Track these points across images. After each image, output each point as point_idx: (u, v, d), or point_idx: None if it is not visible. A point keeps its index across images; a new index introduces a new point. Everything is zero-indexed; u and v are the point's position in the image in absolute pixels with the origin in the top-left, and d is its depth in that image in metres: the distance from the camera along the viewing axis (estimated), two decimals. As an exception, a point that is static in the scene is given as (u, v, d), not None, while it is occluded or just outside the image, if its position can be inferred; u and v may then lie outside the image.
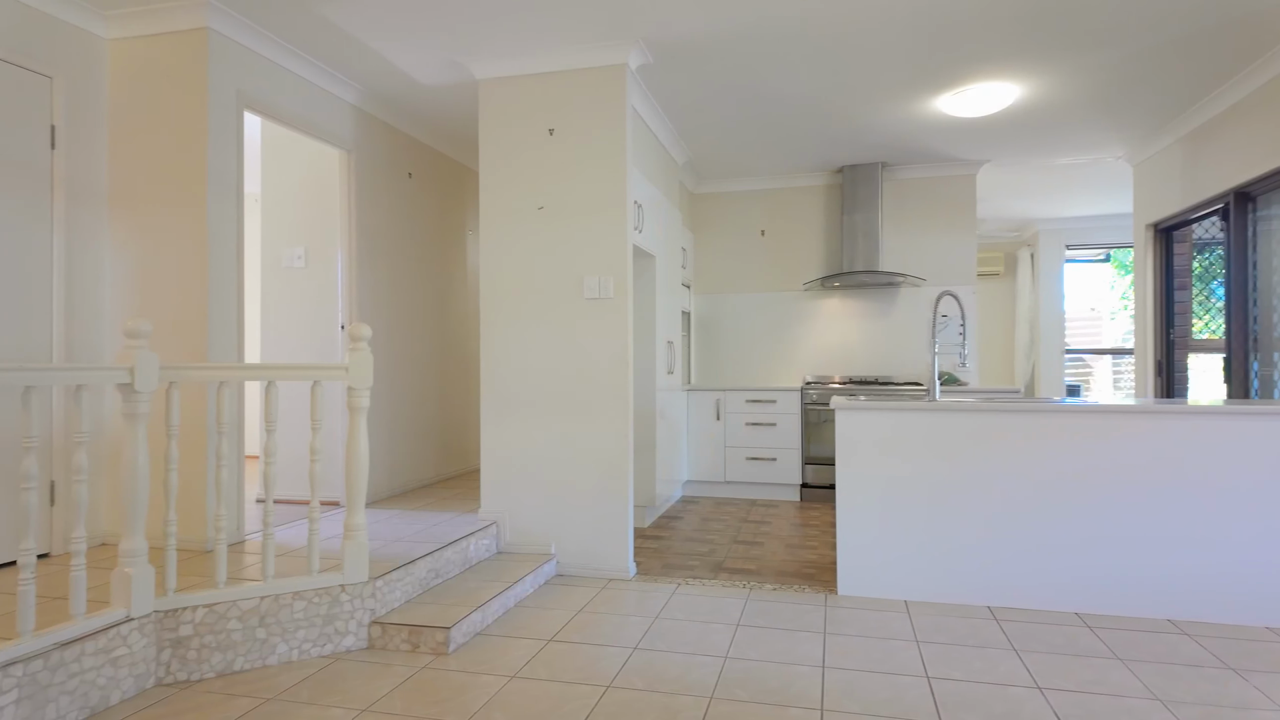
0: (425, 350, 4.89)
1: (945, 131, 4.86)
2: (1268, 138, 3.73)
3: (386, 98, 4.24)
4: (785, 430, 5.58)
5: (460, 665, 2.56)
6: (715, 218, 6.31)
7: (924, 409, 3.27)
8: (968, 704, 2.26)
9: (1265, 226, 3.94)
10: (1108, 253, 7.88)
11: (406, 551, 3.12)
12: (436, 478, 4.99)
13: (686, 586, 3.45)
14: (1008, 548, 3.18)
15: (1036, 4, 3.14)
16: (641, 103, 4.10)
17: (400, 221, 4.60)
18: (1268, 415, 2.95)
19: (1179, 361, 4.99)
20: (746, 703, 2.27)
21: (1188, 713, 2.21)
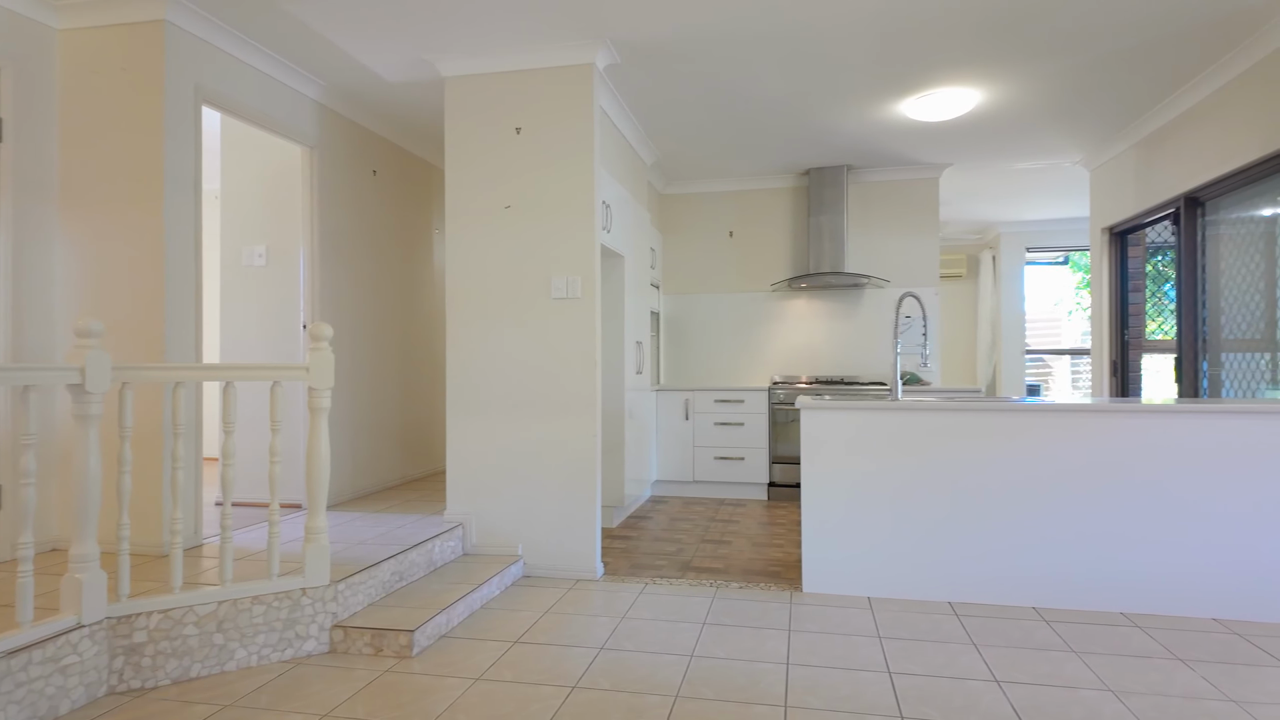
0: (390, 350, 4.83)
1: (909, 135, 4.94)
2: (1215, 145, 3.86)
3: (350, 94, 4.18)
4: (753, 430, 5.62)
5: (424, 668, 2.53)
6: (684, 218, 6.34)
7: (886, 408, 3.32)
8: (927, 698, 2.30)
9: (1213, 231, 4.07)
10: (1066, 255, 8.08)
11: (370, 554, 3.08)
12: (401, 479, 4.93)
13: (654, 586, 3.45)
14: (968, 544, 3.24)
15: (997, 12, 3.21)
16: (609, 103, 4.10)
17: (364, 219, 4.54)
18: (1215, 414, 3.05)
19: (1133, 361, 5.13)
20: (712, 701, 2.29)
21: (1138, 703, 2.27)
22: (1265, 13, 3.20)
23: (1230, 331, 3.93)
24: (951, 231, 8.16)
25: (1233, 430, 3.02)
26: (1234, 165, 3.68)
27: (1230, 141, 3.72)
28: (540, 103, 3.61)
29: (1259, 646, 2.72)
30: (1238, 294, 3.86)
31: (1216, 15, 3.23)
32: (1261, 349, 3.69)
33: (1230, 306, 3.92)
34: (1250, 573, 3.00)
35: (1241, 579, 3.00)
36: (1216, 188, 3.91)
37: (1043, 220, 7.61)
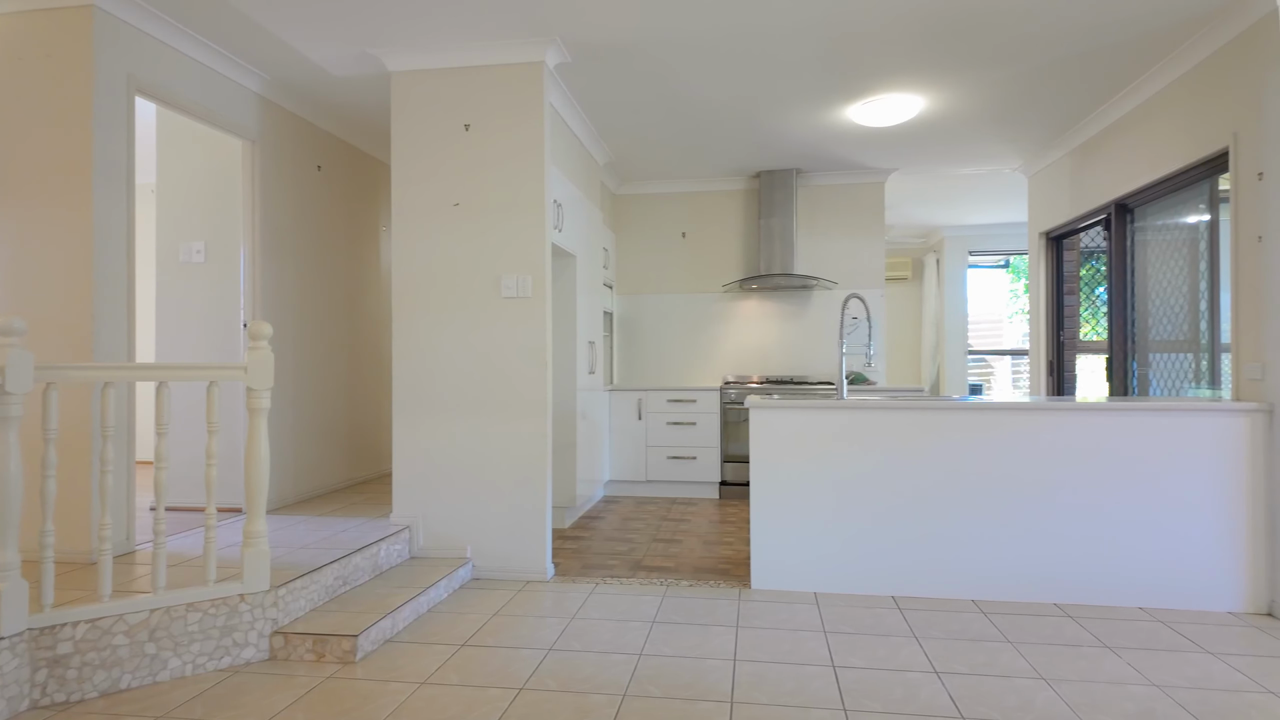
0: (335, 350, 4.73)
1: (856, 140, 5.04)
2: (1143, 154, 4.03)
3: (294, 87, 4.08)
4: (705, 429, 5.66)
5: (368, 674, 2.48)
6: (637, 219, 6.35)
7: (832, 407, 3.39)
8: (869, 690, 2.35)
9: (1141, 237, 4.25)
10: (1007, 259, 8.34)
11: (312, 559, 3.01)
12: (347, 482, 4.83)
13: (605, 586, 3.45)
14: (910, 540, 3.32)
15: (938, 21, 3.30)
16: (561, 101, 4.09)
17: (308, 216, 4.44)
18: (1140, 412, 3.19)
19: (1069, 362, 5.33)
20: (659, 699, 2.30)
21: (1068, 689, 2.36)
22: (1185, 31, 3.36)
23: (1158, 333, 4.11)
24: (897, 235, 8.36)
25: (1157, 427, 3.16)
26: (1160, 174, 3.85)
27: (1156, 151, 3.90)
28: (490, 100, 3.58)
29: (1180, 633, 2.85)
30: (1164, 297, 4.04)
31: (1142, 31, 3.38)
32: (1186, 349, 3.86)
33: (1157, 309, 4.10)
34: (1173, 563, 3.14)
35: (1165, 569, 3.15)
36: (1144, 195, 4.09)
37: (984, 225, 7.84)
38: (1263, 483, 3.08)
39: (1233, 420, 3.11)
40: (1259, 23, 3.08)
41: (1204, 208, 3.72)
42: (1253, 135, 3.14)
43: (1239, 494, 3.10)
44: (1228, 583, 3.11)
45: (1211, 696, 2.31)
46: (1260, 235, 3.10)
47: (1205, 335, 3.72)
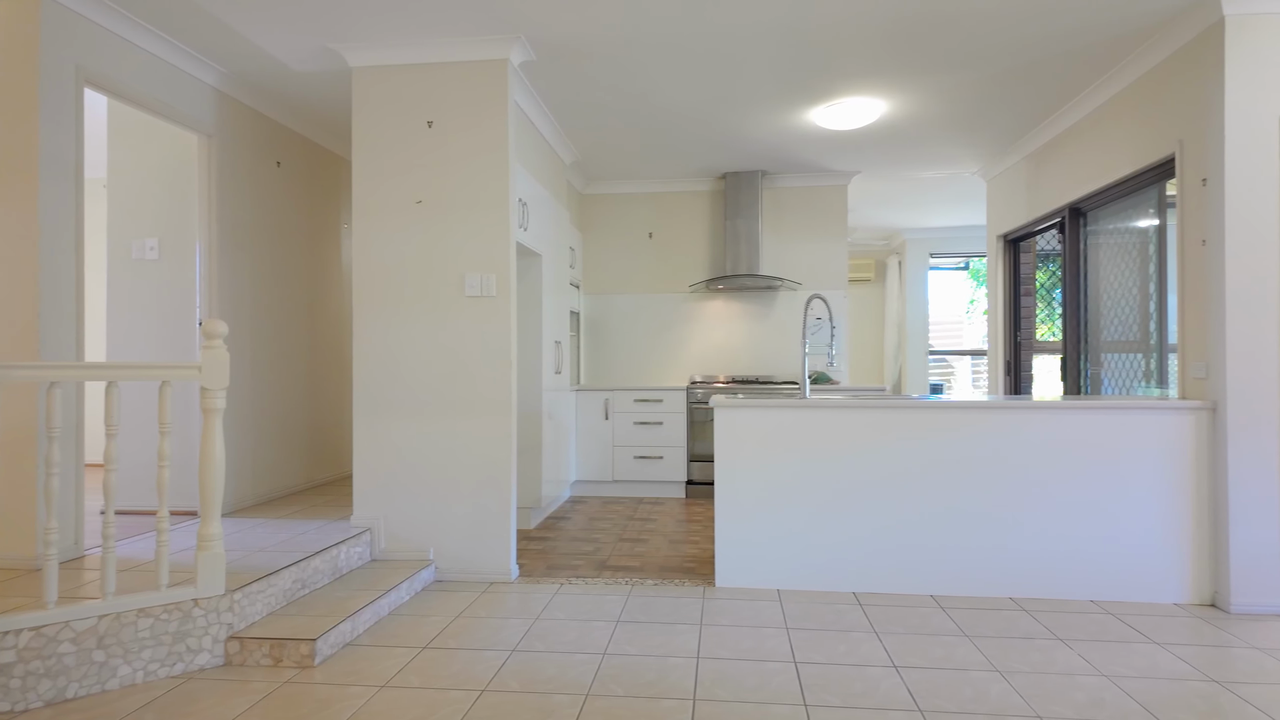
0: (295, 349, 4.64)
1: (819, 143, 5.10)
2: (1095, 159, 4.15)
3: (252, 82, 3.99)
4: (672, 429, 5.68)
5: (326, 678, 2.45)
6: (604, 218, 6.35)
7: (795, 406, 3.42)
8: (830, 685, 2.38)
9: (1094, 240, 4.37)
10: (966, 261, 8.52)
11: (270, 562, 2.95)
12: (307, 484, 4.74)
13: (569, 586, 3.44)
14: (871, 536, 3.38)
15: (898, 27, 3.35)
16: (526, 100, 4.07)
17: (267, 212, 4.35)
18: (1092, 410, 3.28)
19: (1026, 361, 5.45)
20: (622, 697, 2.30)
21: (1021, 681, 2.42)
22: (1133, 42, 3.47)
23: (1110, 334, 4.23)
24: (860, 237, 8.48)
25: (1107, 425, 3.26)
26: (1111, 179, 3.96)
27: (1107, 156, 4.01)
28: (453, 97, 3.55)
29: (1129, 625, 2.94)
30: (1115, 299, 4.16)
31: (1092, 41, 3.47)
32: (1137, 350, 3.98)
33: (1109, 310, 4.22)
34: (1122, 557, 3.24)
35: (1115, 563, 3.24)
36: (1096, 199, 4.21)
37: (945, 227, 7.99)
38: (1206, 478, 3.19)
39: (1178, 418, 3.21)
40: (1202, 35, 3.19)
41: (1152, 212, 3.84)
42: (1197, 143, 3.25)
43: (1184, 489, 3.21)
44: (1173, 575, 3.21)
45: (1157, 685, 2.38)
46: (1204, 239, 3.21)
47: (1154, 336, 3.83)
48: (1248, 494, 3.06)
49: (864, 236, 8.47)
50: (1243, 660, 2.58)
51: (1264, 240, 3.06)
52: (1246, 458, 3.07)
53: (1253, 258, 3.06)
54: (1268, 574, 3.05)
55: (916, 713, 2.19)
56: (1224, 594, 3.10)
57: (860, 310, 8.75)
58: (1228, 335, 3.07)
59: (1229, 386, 3.07)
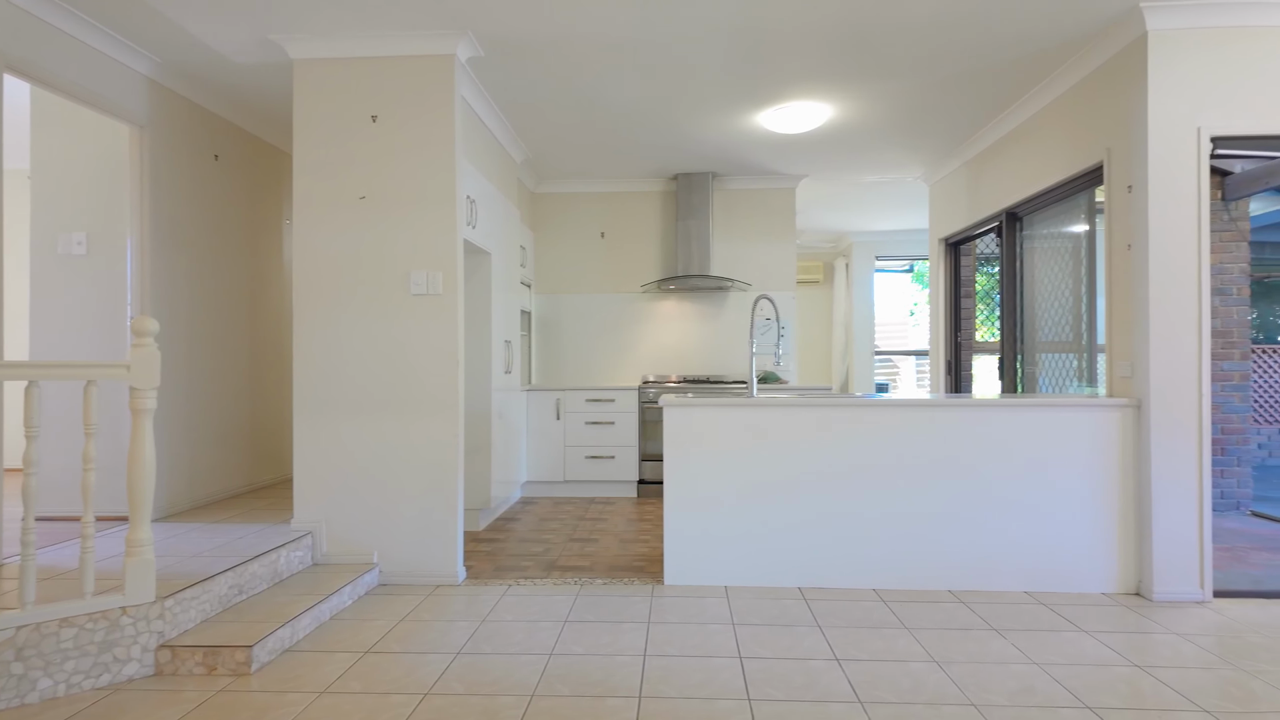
0: (234, 348, 4.50)
1: (768, 146, 5.17)
2: (1031, 165, 4.30)
3: (188, 72, 3.86)
4: (623, 428, 5.69)
5: (264, 685, 2.38)
6: (556, 218, 6.32)
7: (742, 405, 3.46)
8: (774, 679, 2.41)
9: (1029, 244, 4.53)
10: (911, 264, 8.73)
11: (205, 567, 2.85)
12: (247, 487, 4.61)
13: (518, 587, 3.42)
14: (816, 532, 3.44)
15: (842, 32, 3.42)
16: (474, 96, 4.03)
17: (204, 207, 4.21)
18: (1026, 408, 3.40)
19: (965, 361, 5.62)
20: (568, 697, 2.29)
21: (957, 670, 2.49)
22: (1064, 53, 3.60)
23: (1045, 334, 4.38)
24: (809, 239, 8.62)
25: (1040, 422, 3.38)
26: (1045, 185, 4.11)
27: (1042, 163, 4.16)
28: (399, 92, 3.49)
29: (1059, 614, 3.05)
30: (1050, 300, 4.32)
31: (1027, 51, 3.60)
32: (1070, 350, 4.14)
33: (1044, 312, 4.38)
34: (1054, 549, 3.36)
35: (1047, 555, 3.36)
36: (1031, 204, 4.36)
37: (890, 231, 8.19)
38: (1131, 473, 3.34)
39: (1105, 415, 3.35)
40: (1127, 48, 3.34)
41: (1083, 217, 4.00)
42: (1123, 151, 3.39)
43: (1112, 483, 3.35)
44: (1102, 566, 3.35)
45: (1084, 671, 2.48)
46: (1130, 244, 3.35)
47: (1085, 336, 3.99)
48: (1169, 487, 3.21)
49: (812, 239, 8.61)
50: (1163, 645, 2.70)
51: (1184, 245, 3.21)
52: (1168, 453, 3.21)
53: (1174, 262, 3.21)
54: (1187, 564, 3.20)
55: (856, 704, 2.24)
56: (1147, 583, 3.25)
57: (809, 311, 8.90)
58: (1151, 336, 3.22)
59: (1152, 385, 3.22)
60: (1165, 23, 3.18)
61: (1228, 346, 5.21)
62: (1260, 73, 3.19)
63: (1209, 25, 3.18)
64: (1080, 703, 2.25)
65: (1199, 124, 3.20)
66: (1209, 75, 3.20)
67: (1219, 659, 2.58)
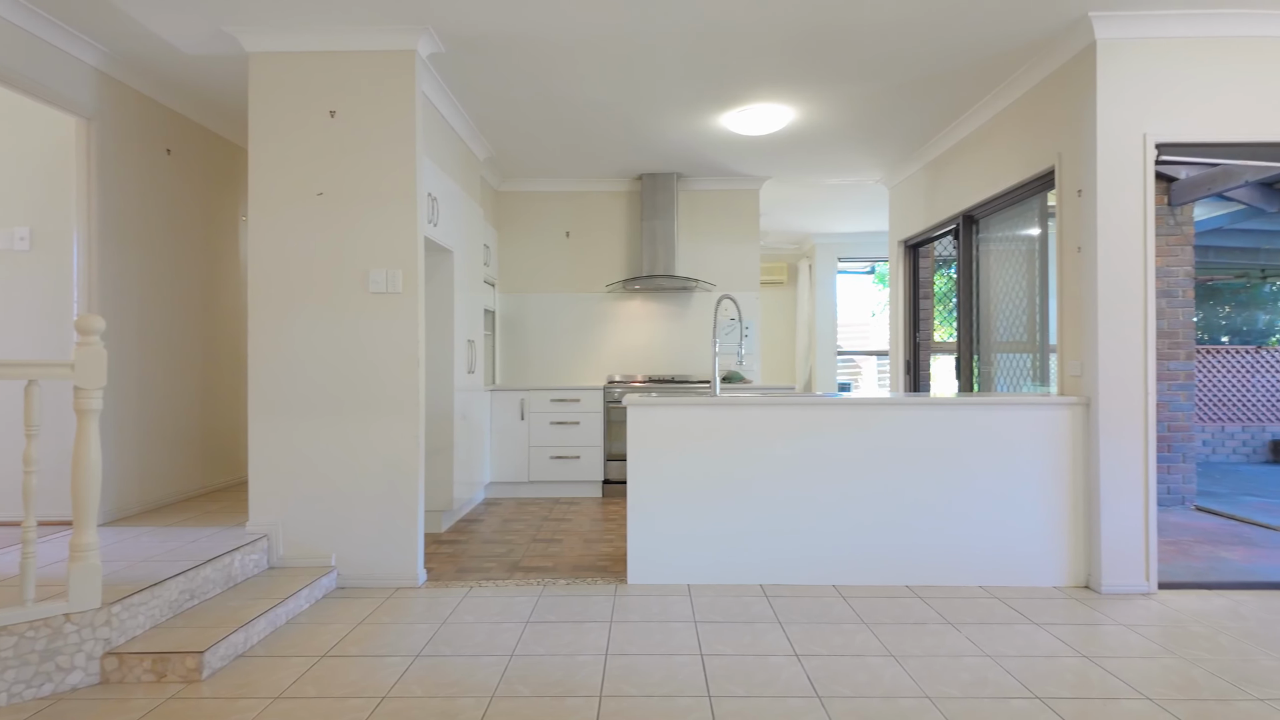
0: (188, 348, 4.39)
1: (732, 147, 5.21)
2: (986, 169, 4.39)
3: (139, 63, 3.75)
4: (589, 428, 5.68)
5: (215, 692, 2.32)
6: (520, 216, 6.28)
7: (705, 404, 3.48)
8: (734, 676, 2.43)
9: (985, 246, 4.63)
10: (872, 265, 8.87)
11: (154, 572, 2.78)
12: (201, 489, 4.49)
13: (479, 589, 3.39)
14: (778, 530, 3.47)
15: (803, 36, 3.46)
16: (436, 93, 3.99)
17: (156, 202, 4.09)
18: (980, 406, 3.47)
19: (924, 361, 5.72)
20: (528, 698, 2.28)
21: (913, 664, 2.53)
22: (1017, 59, 3.69)
23: (1001, 335, 4.48)
24: (773, 241, 8.70)
25: (994, 420, 3.46)
26: (999, 188, 4.21)
27: (997, 167, 4.26)
28: (358, 87, 3.44)
29: (1012, 608, 3.13)
30: (1005, 301, 4.42)
31: (981, 57, 3.68)
32: (1025, 350, 4.24)
33: (1000, 313, 4.48)
34: (1008, 544, 3.44)
35: (1001, 550, 3.44)
36: (987, 207, 4.46)
37: (852, 233, 8.30)
38: (1081, 469, 3.43)
39: (1057, 413, 3.44)
40: (1077, 56, 3.43)
41: (1036, 221, 4.10)
42: (1073, 156, 3.49)
43: (1063, 479, 3.44)
44: (1053, 560, 3.44)
45: (1034, 663, 2.54)
46: (1079, 246, 3.45)
47: (1039, 337, 4.09)
48: (1116, 483, 3.31)
49: (776, 240, 8.70)
50: (1110, 636, 2.78)
51: (1131, 248, 3.31)
52: (1115, 449, 3.31)
53: (1121, 264, 3.31)
54: (1133, 557, 3.30)
55: (815, 699, 2.27)
56: (1096, 576, 3.34)
57: (773, 312, 8.98)
58: (1099, 336, 3.31)
59: (1100, 383, 3.32)
60: (1113, 32, 3.28)
61: (1173, 347, 5.39)
62: (1203, 82, 3.31)
63: (1155, 35, 3.29)
64: (1030, 693, 2.31)
65: (1145, 131, 3.30)
66: (1155, 84, 3.31)
67: (1162, 649, 2.66)
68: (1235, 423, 8.03)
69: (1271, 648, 2.67)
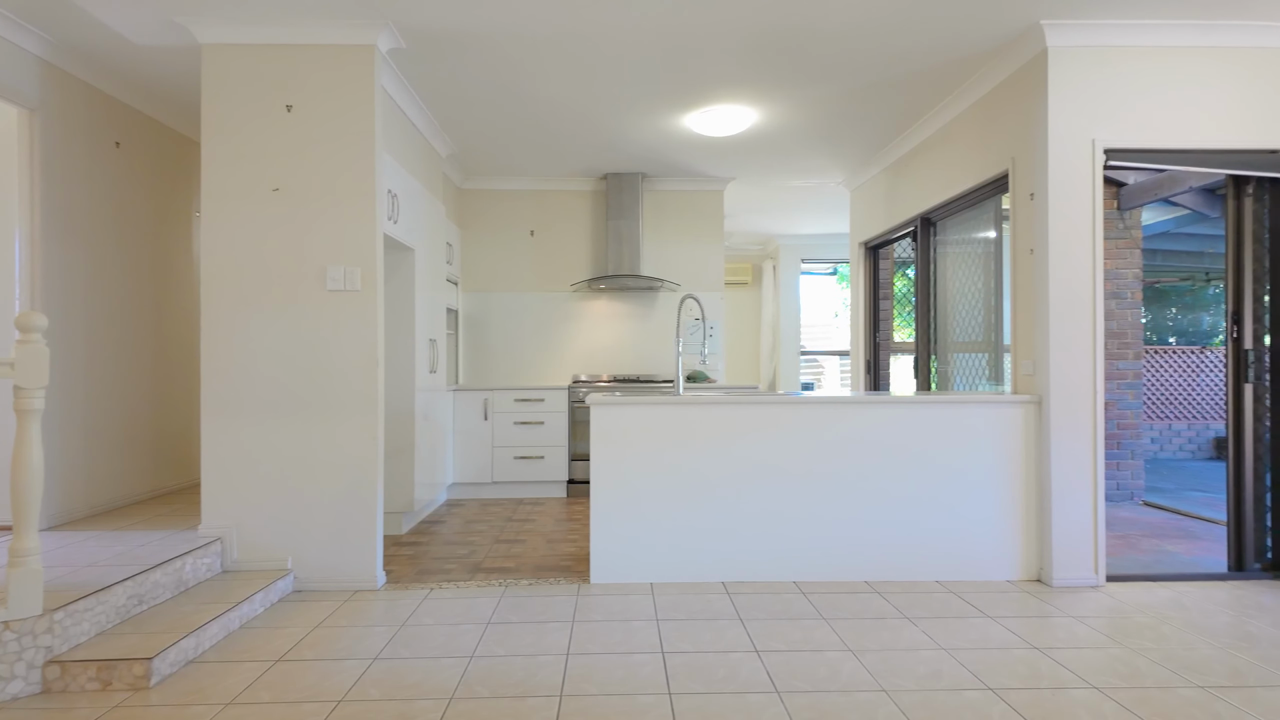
0: (139, 347, 4.27)
1: (696, 148, 5.23)
2: (942, 173, 4.48)
3: (87, 53, 3.63)
4: (553, 428, 5.66)
5: (164, 699, 2.26)
6: (484, 215, 6.24)
7: (667, 403, 3.49)
8: (694, 673, 2.44)
9: (943, 248, 4.73)
10: (835, 267, 8.98)
11: (101, 578, 2.69)
12: (152, 492, 4.37)
13: (440, 591, 3.35)
14: (739, 527, 3.50)
15: (763, 38, 3.48)
16: (397, 89, 3.93)
17: (105, 197, 3.97)
18: (937, 404, 3.54)
19: (884, 361, 5.82)
20: (487, 699, 2.26)
21: (870, 659, 2.57)
22: (973, 65, 3.78)
23: (958, 335, 4.58)
24: (737, 242, 8.77)
25: (950, 418, 3.53)
26: (956, 191, 4.30)
27: (953, 171, 4.35)
28: (316, 81, 3.37)
29: (967, 601, 3.19)
30: (962, 302, 4.51)
31: (938, 62, 3.75)
32: (981, 350, 4.33)
33: (957, 313, 4.57)
34: (964, 539, 3.51)
35: (957, 545, 3.51)
36: (944, 210, 4.55)
37: (815, 235, 8.40)
38: (1034, 465, 3.52)
39: (1010, 411, 3.53)
40: (1029, 63, 3.52)
41: (991, 223, 4.19)
42: (1026, 160, 3.58)
43: (1016, 476, 3.53)
44: (1007, 554, 3.52)
45: (987, 655, 2.60)
46: (1032, 249, 3.54)
47: (994, 337, 4.19)
48: (1067, 479, 3.40)
49: (741, 241, 8.76)
50: (1060, 628, 2.86)
51: (1081, 250, 3.41)
52: (1066, 446, 3.40)
53: (1072, 266, 3.40)
54: (1083, 551, 3.40)
55: (774, 694, 2.29)
56: (1048, 570, 3.43)
57: (738, 312, 9.04)
58: (1050, 336, 3.40)
59: (1052, 382, 3.40)
60: (1064, 40, 3.37)
61: (1122, 347, 5.55)
62: (1151, 90, 3.41)
63: (1105, 44, 3.39)
64: (983, 684, 2.36)
65: (1094, 136, 3.40)
66: (1104, 91, 3.40)
67: (1109, 639, 2.74)
68: (1181, 420, 8.31)
69: (1211, 637, 2.77)
